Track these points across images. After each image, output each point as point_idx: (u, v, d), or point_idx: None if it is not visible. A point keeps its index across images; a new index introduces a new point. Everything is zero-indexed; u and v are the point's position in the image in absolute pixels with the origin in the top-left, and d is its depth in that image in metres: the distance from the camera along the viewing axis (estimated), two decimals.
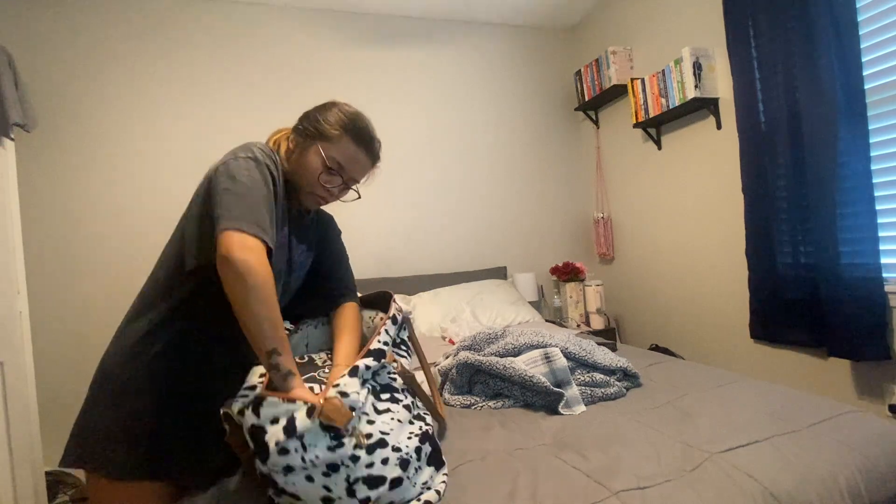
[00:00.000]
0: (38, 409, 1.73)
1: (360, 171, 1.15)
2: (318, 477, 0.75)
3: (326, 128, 1.07)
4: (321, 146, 1.06)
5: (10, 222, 1.68)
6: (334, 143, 1.07)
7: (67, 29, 2.39)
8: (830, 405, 1.14)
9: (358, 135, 1.10)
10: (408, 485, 0.82)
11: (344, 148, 1.08)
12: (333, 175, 1.08)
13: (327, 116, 1.09)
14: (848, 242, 1.69)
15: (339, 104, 1.13)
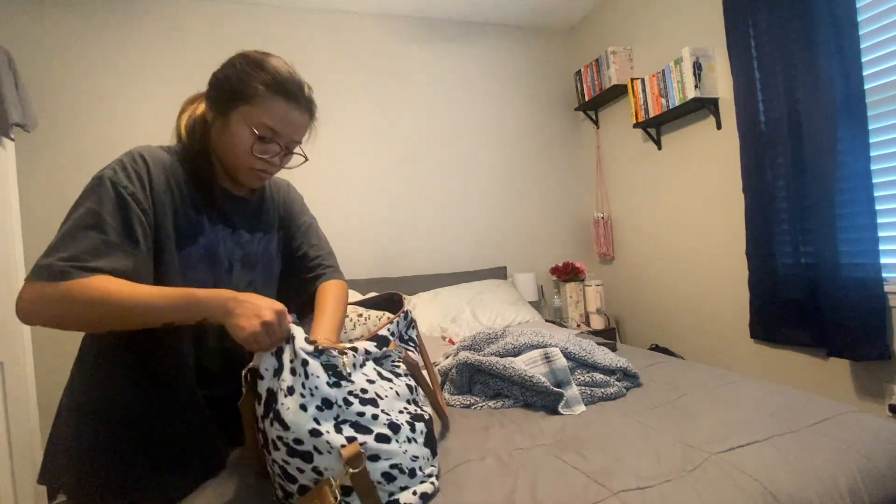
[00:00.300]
0: (38, 409, 1.73)
1: (298, 130, 0.95)
2: (311, 408, 0.77)
3: (242, 88, 0.88)
4: (243, 112, 0.88)
5: (11, 222, 1.68)
6: (257, 105, 0.88)
7: (67, 29, 2.39)
8: (830, 405, 1.14)
9: (284, 87, 0.90)
10: (396, 447, 0.82)
11: (270, 107, 0.89)
12: (268, 143, 0.91)
13: (238, 74, 0.89)
14: (848, 242, 1.69)
15: (246, 54, 0.92)
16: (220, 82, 0.91)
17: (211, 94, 0.92)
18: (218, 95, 0.91)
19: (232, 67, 0.90)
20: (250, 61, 0.90)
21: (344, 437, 0.78)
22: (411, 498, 0.82)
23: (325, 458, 0.76)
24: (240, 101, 0.88)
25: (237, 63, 0.91)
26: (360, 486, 0.77)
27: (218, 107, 0.91)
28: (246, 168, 0.93)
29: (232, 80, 0.89)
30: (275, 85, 0.89)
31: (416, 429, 0.87)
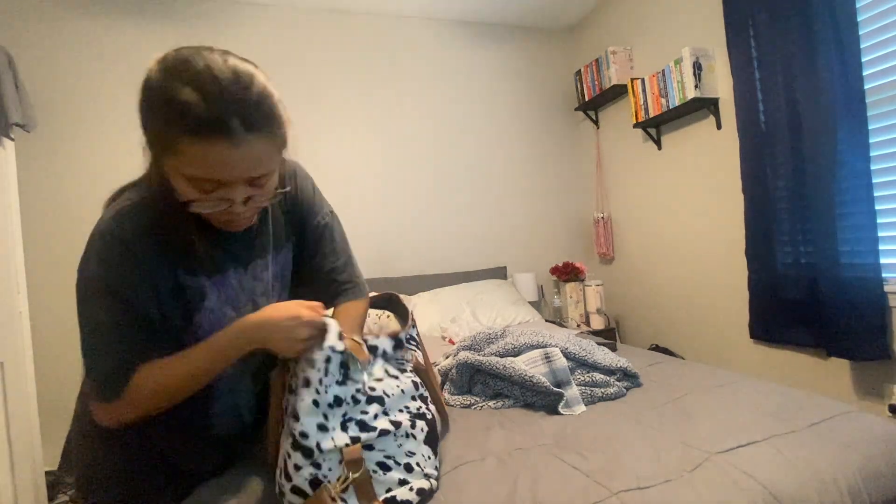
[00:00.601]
0: (38, 409, 1.73)
1: (248, 165, 0.69)
2: (322, 405, 0.79)
3: (165, 138, 0.66)
4: (171, 165, 0.68)
5: (11, 222, 1.68)
6: (180, 156, 0.65)
7: (67, 29, 2.39)
8: (830, 405, 1.14)
9: (201, 127, 0.64)
10: (392, 440, 0.83)
11: (193, 157, 0.65)
12: (214, 192, 0.69)
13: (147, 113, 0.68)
14: (848, 242, 1.69)
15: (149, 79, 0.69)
16: (143, 124, 0.69)
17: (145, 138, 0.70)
18: (147, 143, 0.70)
19: (143, 103, 0.68)
20: (158, 96, 0.66)
21: (348, 437, 0.79)
22: (408, 494, 0.82)
23: (324, 455, 0.77)
24: (162, 153, 0.68)
25: (144, 93, 0.68)
26: (358, 485, 0.77)
27: (153, 158, 0.72)
28: (216, 221, 0.78)
29: (143, 122, 0.68)
30: (190, 127, 0.64)
31: (416, 426, 0.88)
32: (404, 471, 0.83)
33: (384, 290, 1.29)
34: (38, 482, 1.66)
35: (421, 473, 0.85)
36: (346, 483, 0.77)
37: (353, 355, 0.82)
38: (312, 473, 0.77)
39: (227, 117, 0.64)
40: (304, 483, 0.76)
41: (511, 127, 3.18)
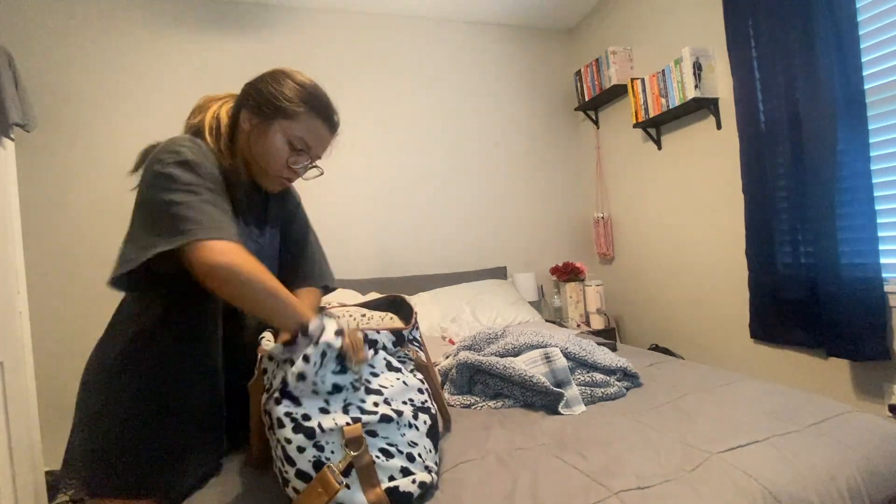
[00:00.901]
0: (38, 409, 1.73)
1: (324, 147, 1.05)
2: (322, 392, 0.82)
3: (286, 104, 0.97)
4: (283, 125, 0.98)
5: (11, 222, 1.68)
6: (297, 121, 0.98)
7: (67, 29, 2.39)
8: (830, 405, 1.14)
9: (321, 109, 1.01)
10: (395, 428, 0.84)
11: (308, 124, 0.99)
12: (300, 155, 1.01)
13: (283, 90, 0.98)
14: (848, 242, 1.69)
15: (290, 73, 1.02)
16: (262, 94, 0.98)
17: (250, 102, 0.99)
18: (260, 105, 0.98)
19: (276, 82, 0.99)
20: (295, 81, 1.00)
21: (349, 418, 0.81)
22: (411, 486, 0.82)
23: (326, 435, 0.79)
24: (281, 115, 0.98)
25: (281, 79, 1.00)
26: (360, 465, 0.78)
27: (257, 114, 0.98)
28: (275, 175, 1.02)
29: (276, 94, 0.98)
30: (316, 105, 1.00)
31: (418, 418, 0.89)
32: (406, 459, 0.84)
33: (384, 290, 1.30)
34: (38, 482, 1.66)
35: (422, 465, 0.86)
36: (347, 461, 0.78)
37: (349, 353, 0.84)
38: (316, 455, 0.78)
39: (334, 113, 1.04)
40: (308, 466, 0.78)
41: (511, 127, 3.18)
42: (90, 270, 2.35)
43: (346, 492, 0.77)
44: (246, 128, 1.00)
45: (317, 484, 0.77)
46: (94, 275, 2.35)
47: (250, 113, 0.99)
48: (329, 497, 0.75)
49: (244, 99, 1.01)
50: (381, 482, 0.80)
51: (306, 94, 0.99)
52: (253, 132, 0.99)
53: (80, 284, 2.33)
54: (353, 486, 0.78)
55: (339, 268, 2.80)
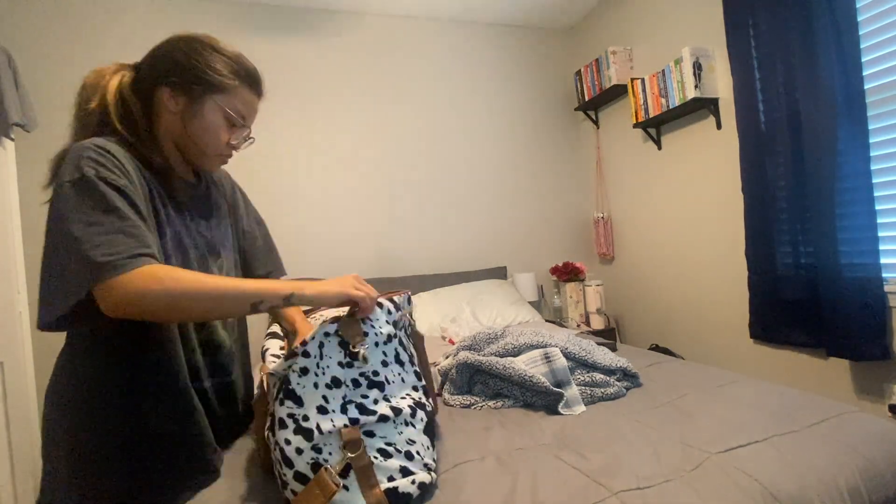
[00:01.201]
0: (38, 409, 1.73)
1: (255, 116, 1.00)
2: (321, 386, 0.81)
3: (220, 79, 0.90)
4: (218, 100, 0.91)
5: (11, 222, 1.68)
6: (233, 95, 0.92)
7: (67, 29, 2.39)
8: (830, 405, 1.14)
9: (253, 80, 0.96)
10: (392, 427, 0.84)
11: (243, 97, 0.94)
12: (239, 129, 0.96)
13: (213, 64, 0.90)
14: (848, 242, 1.69)
15: (212, 42, 0.92)
16: (187, 68, 0.89)
17: (172, 78, 0.89)
18: (182, 79, 0.88)
19: (200, 54, 0.89)
20: (223, 52, 0.92)
21: (347, 418, 0.80)
22: (410, 487, 0.82)
23: (324, 437, 0.78)
24: (214, 91, 0.90)
25: (204, 50, 0.90)
26: (359, 470, 0.78)
27: (184, 91, 0.89)
28: (214, 154, 0.95)
29: (205, 68, 0.89)
30: (247, 77, 0.94)
31: (416, 415, 0.89)
32: (405, 458, 0.83)
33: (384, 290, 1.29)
34: (37, 482, 1.66)
35: (421, 463, 0.86)
36: (344, 463, 0.78)
37: (347, 329, 0.85)
38: (314, 457, 0.78)
39: (260, 78, 0.98)
40: (306, 468, 0.78)
41: (511, 127, 3.18)
42: None
43: (345, 493, 0.77)
44: (172, 108, 0.90)
45: (314, 486, 0.76)
46: None
47: (174, 91, 0.89)
48: (326, 498, 0.75)
49: (160, 74, 0.89)
50: (381, 483, 0.80)
51: (237, 66, 0.93)
52: (185, 113, 0.90)
53: None
54: (351, 487, 0.78)
55: (339, 268, 2.81)
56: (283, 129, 2.71)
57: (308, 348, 0.82)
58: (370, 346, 0.87)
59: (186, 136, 0.92)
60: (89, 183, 0.76)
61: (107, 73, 0.96)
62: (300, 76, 2.76)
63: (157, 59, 0.92)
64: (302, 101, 2.75)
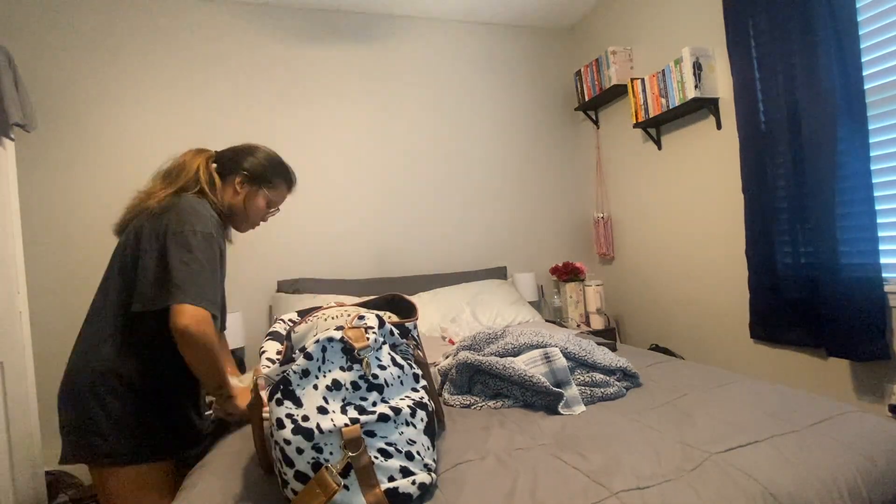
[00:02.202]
0: (38, 409, 1.73)
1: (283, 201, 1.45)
2: (321, 388, 0.83)
3: (271, 179, 1.36)
4: (265, 193, 1.35)
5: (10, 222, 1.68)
6: (275, 189, 1.38)
7: (67, 29, 2.39)
8: (830, 405, 1.14)
9: (291, 181, 1.42)
10: (392, 427, 0.85)
11: (282, 192, 1.41)
12: (272, 211, 1.41)
13: (267, 166, 1.35)
14: (848, 242, 1.69)
15: (268, 152, 1.38)
16: (256, 167, 1.34)
17: (243, 172, 1.32)
18: (253, 176, 1.33)
19: (256, 158, 1.35)
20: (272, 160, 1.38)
21: (347, 418, 0.81)
22: (410, 487, 0.82)
23: (325, 436, 0.79)
24: (266, 185, 1.36)
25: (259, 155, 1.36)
26: (359, 466, 0.79)
27: (251, 183, 1.33)
28: (252, 224, 1.39)
29: (268, 170, 1.36)
30: (288, 180, 1.42)
31: (416, 414, 0.89)
32: (405, 458, 0.84)
33: (384, 290, 1.30)
34: (38, 482, 1.66)
35: (421, 463, 0.86)
36: (345, 462, 0.78)
37: (351, 341, 0.87)
38: (314, 457, 0.78)
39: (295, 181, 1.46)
40: (307, 467, 0.78)
41: (511, 127, 3.18)
42: (90, 270, 2.35)
43: (346, 493, 0.77)
44: (239, 191, 1.32)
45: (314, 485, 0.77)
46: (94, 275, 2.34)
47: (241, 180, 1.32)
48: (327, 498, 0.76)
49: (231, 166, 1.32)
50: (381, 483, 0.80)
51: (282, 170, 1.39)
52: (247, 196, 1.33)
53: (80, 284, 2.33)
54: (352, 486, 0.78)
55: (339, 268, 2.81)
56: (284, 130, 2.71)
57: (311, 351, 0.84)
58: (370, 350, 0.88)
59: (243, 209, 1.33)
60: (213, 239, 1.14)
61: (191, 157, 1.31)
62: (300, 76, 2.75)
63: (232, 157, 1.34)
64: (302, 101, 2.75)
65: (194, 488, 0.96)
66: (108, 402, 1.09)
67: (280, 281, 2.59)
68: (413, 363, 0.99)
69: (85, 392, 1.10)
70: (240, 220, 1.36)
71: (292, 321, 1.12)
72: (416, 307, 1.14)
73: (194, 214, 1.14)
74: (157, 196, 1.20)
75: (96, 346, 1.14)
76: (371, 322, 0.93)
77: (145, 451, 1.11)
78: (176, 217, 1.12)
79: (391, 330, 0.95)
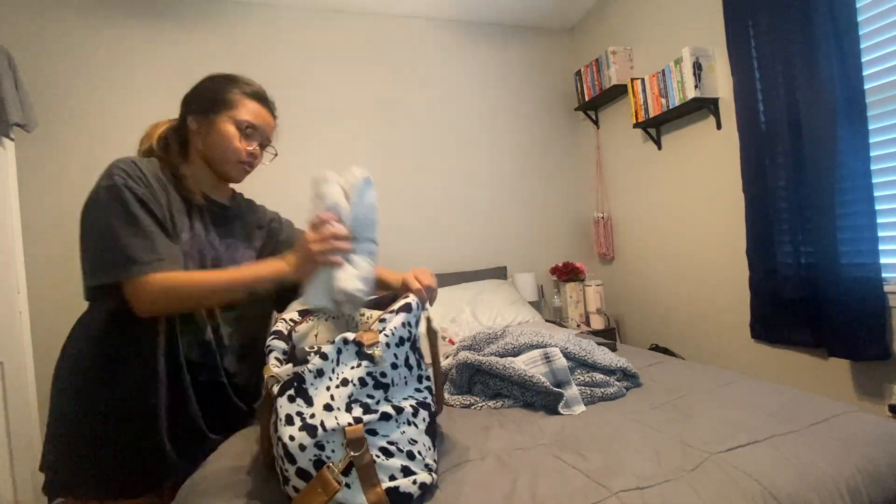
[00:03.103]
0: (38, 409, 1.73)
1: (270, 130, 1.18)
2: (332, 387, 0.83)
3: (226, 96, 1.10)
4: (227, 114, 1.09)
5: (10, 222, 1.68)
6: (239, 108, 1.10)
7: (67, 29, 2.39)
8: (830, 405, 1.13)
9: (255, 93, 1.14)
10: (394, 425, 0.85)
11: (249, 108, 1.11)
12: (251, 137, 1.13)
13: (217, 87, 1.11)
14: (848, 242, 1.69)
15: (216, 76, 1.14)
16: (200, 95, 1.11)
17: (192, 106, 1.10)
18: (200, 105, 1.10)
19: (210, 82, 1.12)
20: (225, 78, 1.13)
21: (351, 417, 0.81)
22: (411, 487, 0.82)
23: (328, 434, 0.79)
24: (222, 107, 1.09)
25: (213, 80, 1.13)
26: (361, 468, 0.79)
27: (202, 114, 1.09)
28: (234, 161, 1.11)
29: (212, 91, 1.11)
30: (250, 92, 1.13)
31: (418, 414, 0.89)
32: (406, 458, 0.84)
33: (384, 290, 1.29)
34: (37, 482, 1.66)
35: (422, 463, 0.86)
36: (347, 461, 0.78)
37: (365, 344, 0.87)
38: (316, 454, 0.78)
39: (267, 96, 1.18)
40: (309, 464, 0.78)
41: (511, 127, 3.18)
42: None
43: (347, 491, 0.77)
44: (194, 128, 1.10)
45: (316, 483, 0.77)
46: None
47: (195, 116, 1.10)
48: (328, 496, 0.76)
49: (186, 108, 1.12)
50: (382, 482, 0.80)
51: (244, 86, 1.13)
52: (202, 130, 1.09)
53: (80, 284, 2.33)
54: (353, 485, 0.78)
55: None
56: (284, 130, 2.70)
57: (326, 351, 0.85)
58: (382, 347, 0.89)
59: (207, 148, 1.10)
60: (120, 189, 0.94)
61: (160, 123, 1.15)
62: (301, 76, 2.76)
63: (186, 96, 1.13)
64: (302, 101, 2.75)
65: (195, 488, 0.96)
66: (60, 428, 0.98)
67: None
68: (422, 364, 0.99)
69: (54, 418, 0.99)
70: (220, 165, 1.11)
71: (293, 321, 1.13)
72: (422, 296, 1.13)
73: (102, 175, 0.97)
74: None
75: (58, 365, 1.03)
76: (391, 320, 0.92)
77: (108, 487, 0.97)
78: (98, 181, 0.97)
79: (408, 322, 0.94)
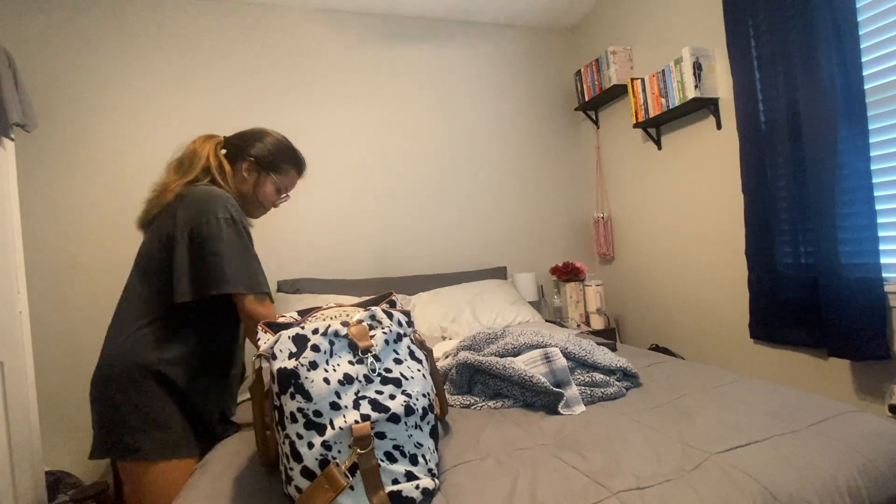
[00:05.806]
0: (38, 409, 1.73)
1: (294, 187, 1.46)
2: (333, 382, 0.83)
3: (280, 165, 1.36)
4: (275, 178, 1.36)
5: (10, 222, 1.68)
6: (284, 175, 1.38)
7: (67, 29, 2.39)
8: (830, 405, 1.14)
9: (300, 166, 1.43)
10: (402, 429, 0.84)
11: (292, 178, 1.41)
12: (283, 196, 1.42)
13: (275, 152, 1.35)
14: (848, 242, 1.69)
15: (277, 137, 1.38)
16: (263, 153, 1.34)
17: (250, 158, 1.33)
18: (260, 161, 1.34)
19: (264, 143, 1.35)
20: (281, 144, 1.38)
21: (359, 414, 0.81)
22: (414, 492, 0.82)
23: (336, 433, 0.79)
24: (274, 171, 1.36)
25: (267, 140, 1.36)
26: (366, 468, 0.78)
27: (258, 166, 1.34)
28: (262, 209, 1.40)
29: (273, 155, 1.35)
30: (298, 165, 1.42)
31: (426, 417, 0.89)
32: (409, 463, 0.83)
33: (384, 290, 1.30)
34: (38, 482, 1.66)
35: (425, 468, 0.86)
36: (353, 459, 0.78)
37: (355, 340, 0.88)
38: (323, 454, 0.78)
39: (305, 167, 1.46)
40: (315, 463, 0.78)
41: (511, 127, 3.18)
42: (90, 270, 2.35)
43: (350, 493, 0.77)
44: (247, 177, 1.33)
45: (323, 479, 0.77)
46: (94, 274, 2.35)
47: (249, 166, 1.33)
48: (335, 493, 0.76)
49: (239, 153, 1.33)
50: (385, 485, 0.80)
51: (291, 155, 1.39)
52: (256, 182, 1.35)
53: (80, 284, 2.33)
54: (357, 487, 0.78)
55: (339, 268, 2.81)
56: (284, 131, 2.71)
57: (318, 343, 0.84)
58: (380, 344, 0.89)
59: (253, 195, 1.35)
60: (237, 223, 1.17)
61: (201, 143, 1.31)
62: (301, 76, 2.76)
63: (239, 143, 1.34)
64: (302, 101, 2.75)
65: (195, 488, 0.96)
66: (140, 397, 1.10)
67: (280, 281, 2.59)
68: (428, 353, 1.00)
69: (117, 386, 1.10)
70: (251, 207, 1.37)
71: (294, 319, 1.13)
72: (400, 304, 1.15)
73: (212, 201, 1.15)
74: (172, 189, 1.21)
75: (129, 341, 1.13)
76: (380, 316, 0.93)
77: (176, 448, 1.12)
78: (196, 209, 1.14)
79: (399, 321, 0.95)
